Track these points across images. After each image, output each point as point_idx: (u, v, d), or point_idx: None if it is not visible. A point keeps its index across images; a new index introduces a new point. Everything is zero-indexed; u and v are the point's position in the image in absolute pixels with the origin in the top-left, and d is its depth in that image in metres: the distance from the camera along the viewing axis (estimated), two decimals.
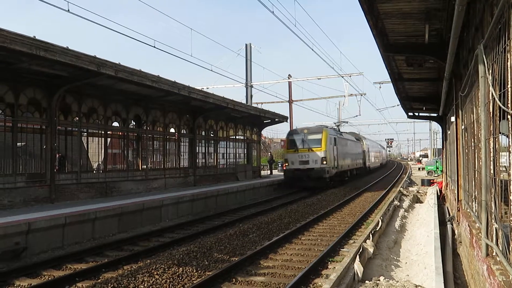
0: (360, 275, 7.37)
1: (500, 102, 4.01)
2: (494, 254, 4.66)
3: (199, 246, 9.79)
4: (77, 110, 15.25)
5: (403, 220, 14.12)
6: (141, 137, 18.69)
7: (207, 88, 28.09)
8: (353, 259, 7.77)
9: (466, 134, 8.43)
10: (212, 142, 24.56)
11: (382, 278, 7.13)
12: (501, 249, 4.29)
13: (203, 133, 23.46)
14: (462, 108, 9.03)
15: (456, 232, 10.81)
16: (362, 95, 31.80)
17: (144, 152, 18.91)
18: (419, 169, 55.89)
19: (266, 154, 50.48)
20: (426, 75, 13.51)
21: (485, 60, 4.70)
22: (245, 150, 29.02)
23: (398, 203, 17.27)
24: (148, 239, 11.10)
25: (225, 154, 26.11)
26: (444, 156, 22.47)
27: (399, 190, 22.79)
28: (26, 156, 16.30)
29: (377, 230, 10.92)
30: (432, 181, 28.72)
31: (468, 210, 8.05)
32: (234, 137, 26.92)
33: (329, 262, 8.55)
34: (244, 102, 28.29)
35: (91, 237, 11.25)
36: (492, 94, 4.44)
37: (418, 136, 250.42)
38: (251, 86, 28.04)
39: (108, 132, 17.41)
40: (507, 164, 4.06)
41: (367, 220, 13.61)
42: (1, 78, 12.26)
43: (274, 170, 36.23)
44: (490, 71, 4.52)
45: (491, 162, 4.71)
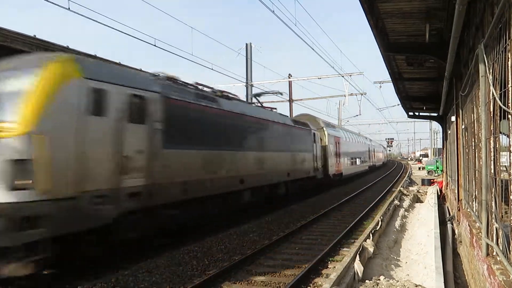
0: (360, 275, 7.38)
1: (500, 101, 4.01)
2: (494, 253, 4.66)
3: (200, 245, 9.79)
4: None
5: (403, 219, 14.13)
6: None
7: None
8: (353, 259, 7.77)
9: (466, 133, 8.44)
10: None
11: (382, 278, 7.13)
12: (501, 248, 4.29)
13: None
14: (462, 107, 9.04)
15: (456, 231, 10.82)
16: (362, 95, 31.71)
17: None
18: (419, 168, 55.90)
19: None
20: (427, 75, 13.51)
21: (485, 59, 4.70)
22: None
23: (398, 203, 17.27)
24: None
25: None
26: (444, 155, 22.47)
27: (399, 189, 22.79)
28: None
29: (377, 229, 10.93)
30: (432, 180, 28.72)
31: (468, 210, 8.05)
32: None
33: (329, 262, 8.56)
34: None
35: None
36: (492, 93, 4.44)
37: (418, 135, 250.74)
38: (252, 85, 28.00)
39: None
40: (508, 163, 4.06)
41: (367, 219, 13.61)
42: None
43: None
44: (491, 71, 4.52)
45: (492, 162, 4.71)
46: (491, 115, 4.65)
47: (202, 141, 10.67)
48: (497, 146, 4.69)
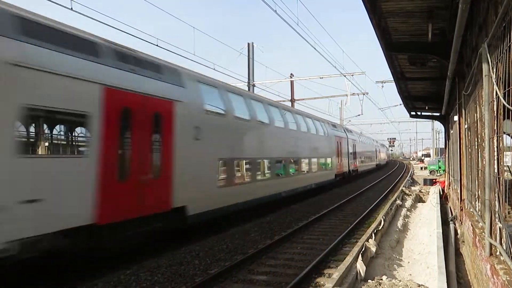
0: (362, 274, 7.37)
1: (504, 100, 3.99)
2: (497, 253, 4.64)
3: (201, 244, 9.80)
4: None
5: (406, 219, 14.09)
6: None
7: None
8: (355, 258, 7.76)
9: (469, 133, 8.41)
10: None
11: (384, 278, 7.11)
12: (505, 248, 4.28)
13: None
14: (465, 107, 9.01)
15: (458, 231, 10.79)
16: (364, 94, 31.65)
17: None
18: (422, 168, 55.82)
19: None
20: (429, 74, 13.47)
21: (489, 58, 4.67)
22: None
23: (400, 203, 17.24)
24: None
25: None
26: (446, 155, 22.42)
27: (401, 189, 22.74)
28: None
29: (379, 229, 10.90)
30: (434, 180, 28.66)
31: (471, 210, 8.03)
32: None
33: (331, 261, 8.55)
34: None
35: None
36: (496, 92, 4.42)
37: (420, 135, 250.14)
38: (253, 85, 27.95)
39: None
40: (511, 163, 4.05)
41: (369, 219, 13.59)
42: None
43: None
44: (494, 70, 4.50)
45: (495, 161, 4.69)
46: (495, 115, 4.63)
47: None
48: (500, 146, 4.67)
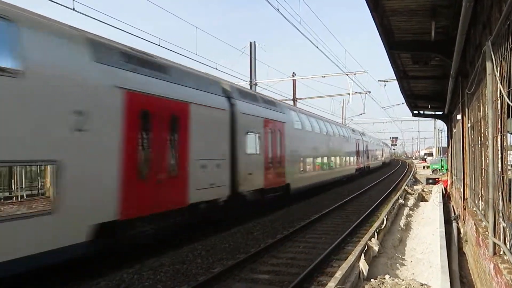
0: (365, 274, 7.35)
1: (508, 99, 3.97)
2: (501, 252, 4.62)
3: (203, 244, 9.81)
4: None
5: (408, 218, 14.05)
6: None
7: None
8: (358, 257, 7.74)
9: (472, 132, 8.38)
10: None
11: (387, 277, 7.09)
12: (508, 247, 4.26)
13: None
14: (468, 106, 8.97)
15: (461, 230, 10.76)
16: (366, 93, 31.60)
17: None
18: (424, 167, 55.71)
19: None
20: (432, 73, 13.42)
21: (493, 57, 4.65)
22: None
23: (403, 202, 17.20)
24: None
25: None
26: (449, 154, 22.35)
27: (404, 188, 22.70)
28: None
29: (382, 228, 10.88)
30: (437, 179, 28.58)
31: (474, 209, 8.00)
32: None
33: (333, 260, 8.54)
34: None
35: None
36: (500, 91, 4.40)
37: (423, 134, 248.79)
38: (256, 84, 27.93)
39: None
40: None
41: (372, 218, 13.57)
42: None
43: None
44: (498, 68, 4.47)
45: (499, 160, 4.67)
46: (499, 113, 4.61)
47: None
48: (504, 145, 4.65)
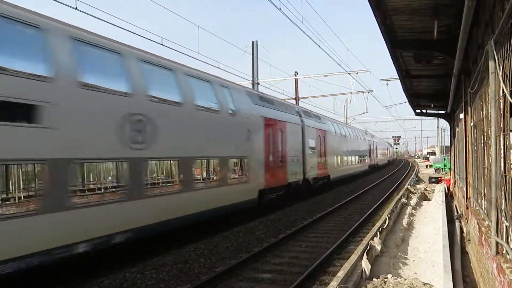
0: (367, 273, 7.35)
1: (511, 98, 3.96)
2: (504, 252, 4.61)
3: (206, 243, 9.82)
4: None
5: (411, 217, 14.03)
6: None
7: None
8: (360, 257, 7.74)
9: (475, 131, 8.36)
10: None
11: (390, 276, 7.09)
12: (511, 247, 4.25)
13: None
14: (471, 105, 8.95)
15: (464, 230, 10.74)
16: (369, 92, 31.53)
17: None
18: (427, 166, 55.58)
19: None
20: (434, 72, 13.38)
21: (495, 56, 4.63)
22: None
23: (406, 201, 17.16)
24: None
25: None
26: (452, 153, 22.29)
27: (407, 187, 22.65)
28: None
29: (384, 227, 10.87)
30: (439, 178, 28.51)
31: (477, 208, 7.99)
32: None
33: (336, 260, 8.54)
34: None
35: None
36: (503, 90, 4.39)
37: (425, 133, 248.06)
38: (258, 83, 27.92)
39: None
40: None
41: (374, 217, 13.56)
42: None
43: None
44: (501, 67, 4.46)
45: (501, 159, 4.66)
46: (501, 112, 4.60)
47: None
48: (507, 144, 4.64)
